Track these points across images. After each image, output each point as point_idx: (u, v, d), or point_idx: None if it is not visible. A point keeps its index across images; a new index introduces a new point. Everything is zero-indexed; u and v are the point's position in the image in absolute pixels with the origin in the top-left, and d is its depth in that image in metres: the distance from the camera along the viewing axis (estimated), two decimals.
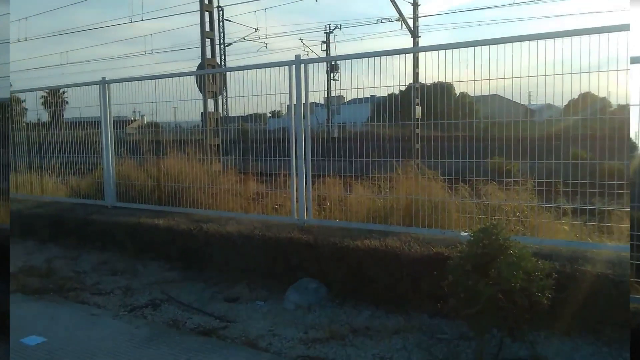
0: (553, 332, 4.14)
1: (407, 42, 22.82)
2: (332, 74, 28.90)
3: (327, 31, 38.12)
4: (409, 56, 7.71)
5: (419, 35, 22.75)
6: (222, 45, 33.54)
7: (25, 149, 10.43)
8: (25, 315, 5.16)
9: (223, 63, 33.50)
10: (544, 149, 5.27)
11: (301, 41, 36.62)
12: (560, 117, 6.09)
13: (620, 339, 3.96)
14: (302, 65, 6.32)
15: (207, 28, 13.84)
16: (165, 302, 5.55)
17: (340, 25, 36.15)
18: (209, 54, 14.06)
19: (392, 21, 25.48)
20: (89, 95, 8.94)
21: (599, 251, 4.59)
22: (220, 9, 27.76)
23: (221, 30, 28.13)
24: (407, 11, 22.82)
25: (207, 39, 13.79)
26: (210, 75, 12.52)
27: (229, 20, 28.66)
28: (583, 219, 5.26)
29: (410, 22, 22.57)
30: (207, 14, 13.85)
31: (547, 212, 5.40)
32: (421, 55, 6.68)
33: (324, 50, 38.82)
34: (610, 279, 4.00)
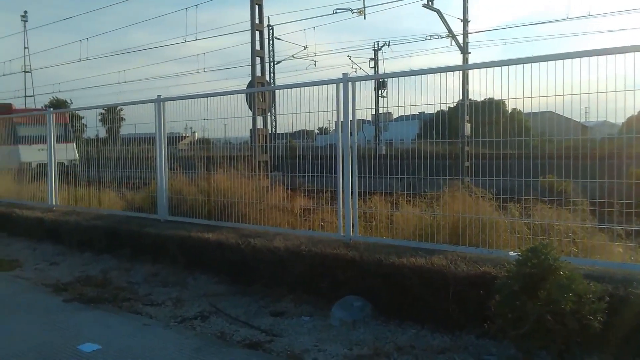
0: (604, 357, 3.99)
1: (456, 58, 22.67)
2: (380, 91, 28.99)
3: (375, 48, 38.31)
4: (458, 73, 7.68)
5: (469, 51, 22.51)
6: (272, 63, 34.23)
7: (84, 163, 11.01)
8: (82, 323, 5.40)
9: (272, 81, 34.14)
10: (598, 167, 5.13)
11: (349, 58, 36.84)
12: (617, 135, 5.91)
13: None
14: (350, 83, 6.40)
15: (257, 46, 14.17)
16: (213, 314, 5.68)
17: (389, 42, 36.27)
18: (258, 72, 14.38)
19: (441, 38, 25.45)
20: (145, 112, 9.35)
21: None
22: (270, 27, 28.39)
23: (271, 48, 28.75)
24: (457, 27, 22.65)
25: (257, 57, 14.11)
26: (260, 93, 12.81)
27: (279, 39, 29.29)
28: (638, 241, 5.07)
29: (460, 39, 22.37)
30: (257, 32, 14.19)
31: (601, 233, 5.23)
32: (471, 71, 6.65)
33: (372, 67, 38.96)
34: None
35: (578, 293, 3.60)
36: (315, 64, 34.96)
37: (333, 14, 22.49)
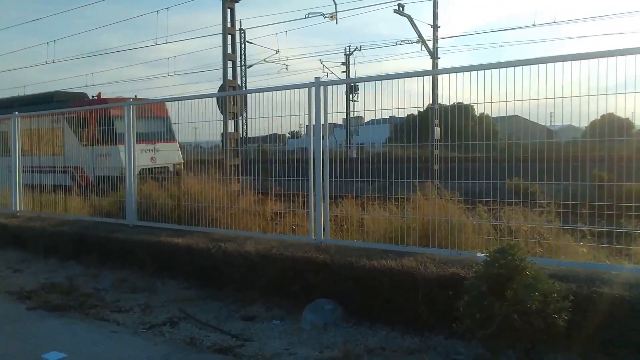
0: (570, 354, 4.08)
1: (426, 63, 23.00)
2: (351, 95, 29.16)
3: (347, 53, 38.51)
4: (428, 78, 7.80)
5: (439, 56, 22.80)
6: (244, 67, 34.10)
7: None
8: (46, 332, 5.26)
9: (244, 84, 34.00)
10: (563, 170, 5.25)
11: (321, 63, 36.98)
12: (581, 138, 6.06)
13: None
14: (322, 87, 6.42)
15: (229, 50, 14.12)
16: (183, 320, 5.61)
17: (360, 47, 36.56)
18: (230, 76, 14.33)
19: (412, 43, 25.71)
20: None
21: (617, 273, 4.52)
22: (242, 31, 28.27)
23: (243, 52, 28.61)
24: (427, 33, 22.92)
25: (228, 61, 14.06)
26: (231, 97, 12.75)
27: (251, 43, 29.16)
28: (603, 241, 5.20)
29: (430, 44, 22.66)
30: (229, 36, 14.14)
31: (566, 234, 5.35)
32: (440, 76, 6.74)
33: (343, 72, 39.18)
34: (628, 301, 3.94)
35: (543, 292, 3.68)
36: (287, 68, 35.00)
37: (305, 18, 22.52)
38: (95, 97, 18.88)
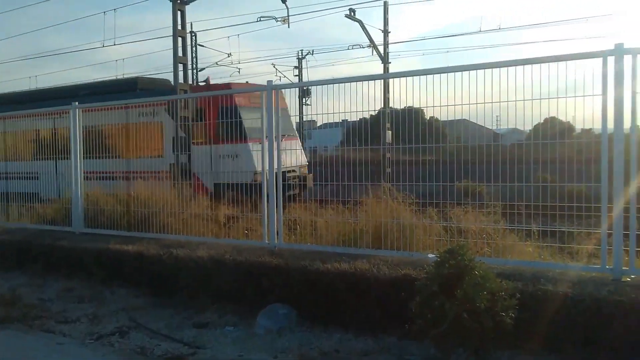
0: (517, 351, 4.21)
1: (378, 67, 23.21)
2: (304, 99, 29.21)
3: (300, 57, 38.53)
4: (380, 82, 7.88)
5: (390, 61, 23.15)
6: (195, 70, 33.59)
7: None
8: None
9: None
10: (508, 172, 5.42)
11: (274, 66, 36.80)
12: (525, 141, 6.26)
13: (582, 357, 4.05)
14: (274, 91, 6.39)
15: (180, 53, 13.91)
16: (133, 329, 5.46)
17: (313, 51, 36.44)
18: (181, 79, 14.11)
19: (364, 47, 25.94)
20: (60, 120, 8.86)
21: (560, 271, 4.70)
22: (193, 34, 27.86)
23: (194, 55, 28.19)
24: (378, 38, 23.24)
25: (179, 64, 13.84)
26: (182, 100, 12.53)
27: (202, 46, 28.77)
28: (547, 241, 5.40)
29: (381, 49, 23.00)
30: (180, 39, 13.92)
31: (512, 234, 5.52)
32: (391, 81, 6.83)
33: (296, 76, 39.16)
34: (570, 298, 4.10)
35: (492, 291, 3.78)
36: (239, 72, 34.64)
37: (257, 21, 22.37)
38: (204, 84, 13.71)
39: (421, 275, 4.42)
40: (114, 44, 21.54)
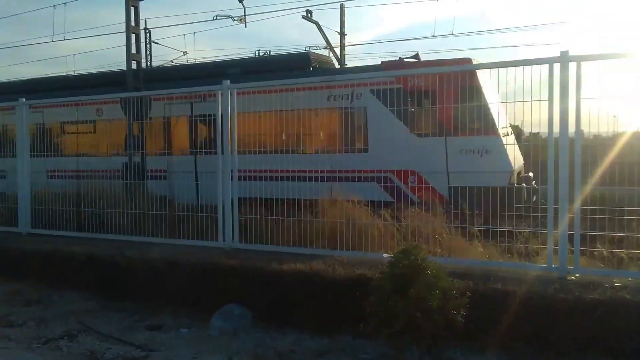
0: (468, 349, 4.32)
1: None
2: None
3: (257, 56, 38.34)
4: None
5: (346, 63, 23.33)
6: (149, 68, 32.88)
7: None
8: None
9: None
10: None
11: None
12: None
13: (531, 353, 4.20)
14: (230, 91, 6.34)
15: (134, 50, 13.59)
16: (82, 332, 5.30)
17: (270, 51, 36.39)
18: None
19: (320, 49, 25.98)
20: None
21: (508, 270, 4.85)
22: (147, 31, 27.24)
23: (148, 52, 27.55)
24: (335, 40, 23.38)
25: (133, 61, 13.52)
26: (136, 99, 12.23)
27: (157, 43, 28.07)
28: (496, 240, 5.57)
29: (338, 51, 23.12)
30: (133, 35, 13.60)
31: (458, 235, 5.65)
32: None
33: None
34: (518, 296, 4.24)
35: (444, 290, 3.87)
36: None
37: (213, 20, 22.06)
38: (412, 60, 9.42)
39: (376, 275, 4.48)
40: (64, 39, 20.85)
